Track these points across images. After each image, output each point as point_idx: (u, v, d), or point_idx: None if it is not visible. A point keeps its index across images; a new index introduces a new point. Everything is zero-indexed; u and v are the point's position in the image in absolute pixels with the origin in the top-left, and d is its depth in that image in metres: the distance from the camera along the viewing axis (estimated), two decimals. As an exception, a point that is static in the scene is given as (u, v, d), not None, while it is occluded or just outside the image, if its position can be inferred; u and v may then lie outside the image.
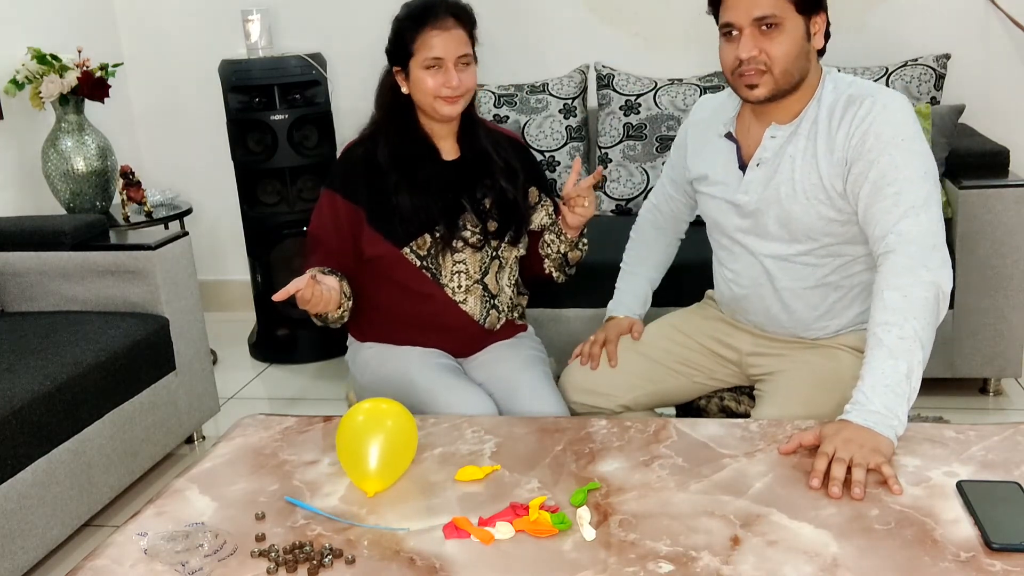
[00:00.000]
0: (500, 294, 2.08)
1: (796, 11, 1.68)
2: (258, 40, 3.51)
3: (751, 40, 1.69)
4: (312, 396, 3.32)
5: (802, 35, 1.70)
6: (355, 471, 1.46)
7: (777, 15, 1.67)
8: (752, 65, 1.70)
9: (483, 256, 2.04)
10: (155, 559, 1.31)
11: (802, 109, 1.77)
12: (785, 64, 1.69)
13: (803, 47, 1.71)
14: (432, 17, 1.94)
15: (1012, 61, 3.38)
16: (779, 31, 1.68)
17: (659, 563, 1.23)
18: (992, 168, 2.87)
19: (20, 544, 2.14)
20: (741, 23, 1.69)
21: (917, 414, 2.81)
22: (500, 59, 3.67)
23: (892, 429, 1.47)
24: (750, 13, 1.68)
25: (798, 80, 1.73)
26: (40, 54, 3.14)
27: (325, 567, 1.27)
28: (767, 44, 1.68)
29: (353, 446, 1.46)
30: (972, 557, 1.21)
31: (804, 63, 1.73)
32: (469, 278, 2.03)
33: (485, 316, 2.06)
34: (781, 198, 1.77)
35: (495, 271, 2.07)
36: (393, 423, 1.49)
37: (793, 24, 1.69)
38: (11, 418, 2.10)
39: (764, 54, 1.69)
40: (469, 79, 1.98)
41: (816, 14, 1.72)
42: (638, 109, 3.35)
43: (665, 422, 1.65)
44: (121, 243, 2.82)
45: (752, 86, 1.72)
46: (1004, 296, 2.79)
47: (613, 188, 3.35)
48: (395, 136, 2.01)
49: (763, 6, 1.67)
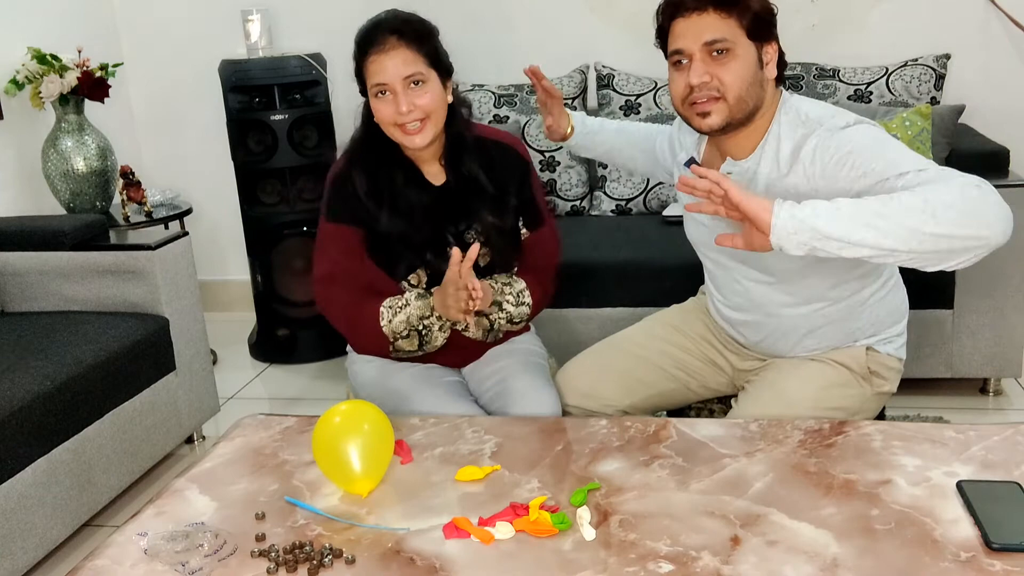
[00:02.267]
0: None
1: (747, 37, 1.64)
2: (258, 40, 3.51)
3: (702, 65, 1.63)
4: (312, 396, 3.32)
5: (754, 62, 1.65)
6: (344, 479, 1.46)
7: (728, 39, 1.62)
8: (704, 92, 1.64)
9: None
10: (155, 559, 1.31)
11: (758, 143, 1.70)
12: (738, 90, 1.63)
13: (756, 74, 1.65)
14: (371, 42, 1.82)
15: (1012, 61, 3.38)
16: (730, 56, 1.63)
17: (659, 563, 1.23)
18: (992, 168, 2.86)
19: (20, 544, 2.14)
20: (691, 49, 1.64)
21: (917, 414, 2.81)
22: (500, 59, 3.67)
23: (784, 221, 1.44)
24: (700, 38, 1.63)
25: (752, 109, 1.67)
26: (40, 54, 3.14)
27: (325, 567, 1.27)
28: (719, 70, 1.63)
29: (332, 457, 1.46)
30: (972, 557, 1.21)
31: (758, 91, 1.66)
32: None
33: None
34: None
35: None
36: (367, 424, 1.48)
37: (744, 50, 1.64)
38: (11, 418, 2.10)
39: (716, 79, 1.63)
40: (425, 100, 1.81)
41: (767, 43, 1.67)
42: (638, 109, 3.35)
43: (665, 422, 1.65)
44: (121, 243, 2.82)
45: (705, 114, 1.65)
46: (1004, 296, 2.79)
47: (613, 188, 3.35)
48: (373, 162, 1.90)
49: (713, 30, 1.62)
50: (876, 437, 1.55)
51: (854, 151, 1.57)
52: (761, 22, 1.65)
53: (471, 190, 1.93)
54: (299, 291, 3.59)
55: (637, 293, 2.85)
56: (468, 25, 3.68)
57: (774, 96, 1.71)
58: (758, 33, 1.65)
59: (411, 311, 1.89)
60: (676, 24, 1.66)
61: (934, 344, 2.84)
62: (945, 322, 2.82)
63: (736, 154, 1.73)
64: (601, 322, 2.92)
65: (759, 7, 1.65)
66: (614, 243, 3.07)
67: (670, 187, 3.30)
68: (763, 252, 1.51)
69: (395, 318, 1.90)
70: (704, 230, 1.84)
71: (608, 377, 1.97)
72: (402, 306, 1.90)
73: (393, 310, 1.90)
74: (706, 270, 1.96)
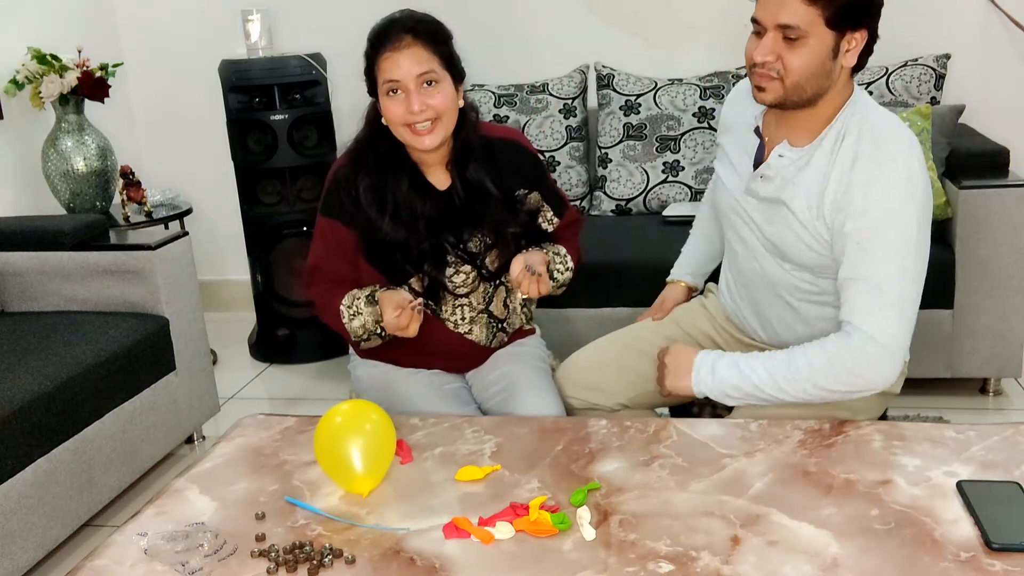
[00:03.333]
0: (509, 316, 2.02)
1: (826, 25, 1.58)
2: (258, 40, 3.51)
3: (771, 44, 1.61)
4: (312, 396, 3.32)
5: (827, 51, 1.60)
6: (345, 478, 1.46)
7: (801, 27, 1.57)
8: (764, 69, 1.63)
9: (486, 288, 1.95)
10: (155, 559, 1.31)
11: (819, 134, 1.69)
12: (798, 78, 1.61)
13: (825, 64, 1.61)
14: (386, 38, 1.79)
15: (1012, 61, 3.38)
16: (801, 43, 1.59)
17: (659, 563, 1.23)
18: (992, 168, 2.86)
19: (20, 544, 2.14)
20: (766, 24, 1.61)
21: (917, 414, 2.81)
22: (500, 59, 3.67)
23: (702, 380, 1.72)
24: (776, 17, 1.59)
25: (811, 96, 1.65)
26: (40, 54, 3.14)
27: (325, 567, 1.27)
28: (785, 52, 1.60)
29: (333, 456, 1.46)
30: (972, 557, 1.21)
31: (823, 81, 1.63)
32: (473, 310, 1.95)
33: (491, 339, 2.00)
34: (780, 219, 1.73)
35: (501, 298, 1.99)
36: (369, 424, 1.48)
37: (819, 39, 1.59)
38: (11, 418, 2.10)
39: (780, 61, 1.61)
40: (437, 100, 1.78)
41: (854, 30, 1.61)
42: (638, 109, 3.35)
43: (665, 422, 1.65)
44: (121, 243, 2.82)
45: (760, 88, 1.66)
46: (1004, 296, 2.79)
47: (613, 188, 3.35)
48: (377, 165, 1.87)
49: (789, 14, 1.57)
50: (876, 437, 1.55)
51: (865, 214, 1.60)
52: (851, 10, 1.59)
53: (477, 196, 1.91)
54: (299, 291, 3.58)
55: (637, 293, 2.84)
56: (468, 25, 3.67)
57: (845, 85, 1.68)
58: (843, 22, 1.59)
59: (365, 318, 1.88)
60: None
61: (934, 344, 2.83)
62: (945, 322, 2.82)
63: (794, 139, 1.72)
64: (601, 322, 2.92)
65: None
66: (614, 243, 3.06)
67: (670, 187, 3.30)
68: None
69: (352, 322, 1.89)
70: (729, 197, 1.86)
71: (609, 371, 1.97)
72: (355, 312, 1.89)
73: (350, 312, 1.90)
74: (726, 240, 1.97)
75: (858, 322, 1.62)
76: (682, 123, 3.31)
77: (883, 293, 1.61)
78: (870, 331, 1.61)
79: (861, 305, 1.62)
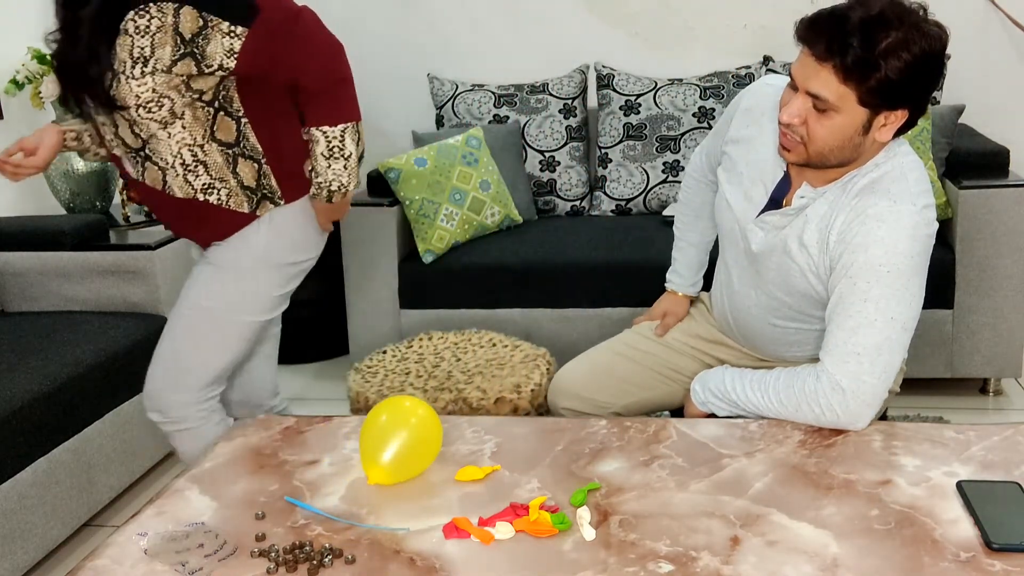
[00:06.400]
0: (158, 153, 1.87)
1: (858, 103, 1.49)
2: (258, 40, 3.51)
3: (799, 107, 1.52)
4: (312, 396, 3.32)
5: (856, 128, 1.51)
6: (368, 457, 1.47)
7: (831, 101, 1.49)
8: (790, 131, 1.55)
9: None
10: (155, 559, 1.31)
11: (839, 178, 1.61)
12: (821, 147, 1.54)
13: (852, 139, 1.53)
14: None
15: (1012, 61, 3.38)
16: (829, 116, 1.50)
17: (659, 563, 1.23)
18: (992, 168, 2.87)
19: (20, 544, 2.14)
20: (798, 84, 1.53)
21: (917, 414, 2.81)
22: (500, 59, 3.67)
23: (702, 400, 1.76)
24: (807, 83, 1.50)
25: (835, 163, 1.58)
26: (40, 54, 3.14)
27: (325, 567, 1.27)
28: (812, 119, 1.52)
29: (376, 433, 1.47)
30: (972, 557, 1.21)
31: (849, 153, 1.55)
32: (112, 134, 1.89)
33: (142, 172, 1.90)
34: (784, 251, 1.68)
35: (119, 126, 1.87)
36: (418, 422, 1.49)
37: (849, 115, 1.50)
38: (11, 418, 2.10)
39: (805, 127, 1.53)
40: None
41: (892, 109, 1.51)
42: (638, 109, 3.35)
43: (665, 422, 1.65)
44: (121, 243, 2.82)
45: (784, 148, 1.59)
46: (1004, 296, 2.79)
47: (613, 188, 3.35)
48: None
49: (820, 85, 1.48)
50: (876, 437, 1.55)
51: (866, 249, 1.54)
52: (889, 92, 1.48)
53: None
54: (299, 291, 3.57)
55: (637, 293, 2.85)
56: (468, 25, 3.68)
57: (874, 149, 1.58)
58: (879, 102, 1.49)
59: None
60: (802, 51, 1.52)
61: (934, 344, 2.84)
62: (945, 322, 2.82)
63: (815, 182, 1.63)
64: (601, 322, 2.92)
65: (895, 77, 1.46)
66: (614, 243, 3.07)
67: (670, 187, 3.30)
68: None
69: None
70: (733, 221, 1.78)
71: (600, 380, 1.96)
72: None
73: None
74: (720, 255, 1.91)
75: (829, 365, 1.56)
76: (682, 123, 3.31)
77: (864, 335, 1.54)
78: (839, 377, 1.54)
79: (836, 345, 1.56)
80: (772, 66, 3.35)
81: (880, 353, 1.54)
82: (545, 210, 3.45)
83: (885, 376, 1.56)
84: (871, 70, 1.45)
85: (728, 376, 1.71)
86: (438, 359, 2.39)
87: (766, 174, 1.70)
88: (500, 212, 3.18)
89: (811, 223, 1.63)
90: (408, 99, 3.74)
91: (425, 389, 2.20)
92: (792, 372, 1.63)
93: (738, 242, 1.78)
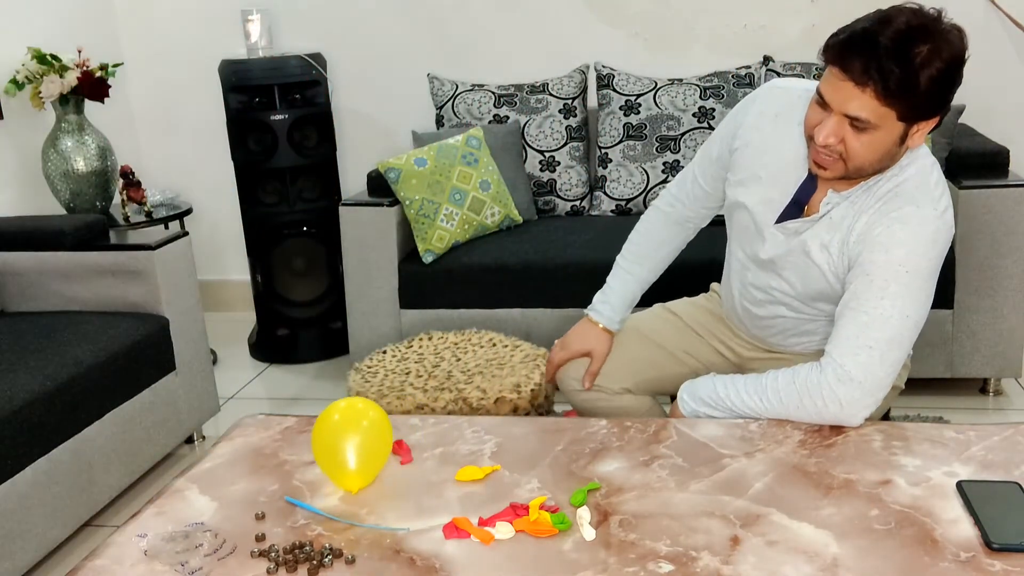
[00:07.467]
0: None
1: (897, 119, 1.49)
2: (258, 40, 3.51)
3: (835, 127, 1.51)
4: (312, 396, 3.32)
5: (895, 140, 1.52)
6: (338, 475, 1.46)
7: (872, 121, 1.49)
8: (827, 150, 1.54)
9: None
10: (155, 559, 1.31)
11: (864, 181, 1.62)
12: (862, 162, 1.54)
13: (890, 151, 1.54)
14: None
15: (1012, 61, 3.38)
16: (868, 133, 1.50)
17: (659, 563, 1.23)
18: (992, 168, 2.87)
19: (20, 544, 2.14)
20: (833, 107, 1.51)
21: (917, 414, 2.81)
22: (500, 59, 3.67)
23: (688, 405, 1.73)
24: (845, 106, 1.49)
25: (870, 173, 1.59)
26: (40, 54, 3.14)
27: (325, 567, 1.27)
28: (850, 137, 1.51)
29: (330, 451, 1.45)
30: (972, 557, 1.21)
31: (886, 163, 1.57)
32: None
33: None
34: (804, 253, 1.70)
35: None
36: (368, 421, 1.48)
37: (887, 131, 1.51)
38: (11, 418, 2.10)
39: (843, 145, 1.52)
40: None
41: (927, 119, 1.52)
42: (638, 109, 3.35)
43: (665, 422, 1.65)
44: (121, 243, 2.82)
45: (820, 166, 1.58)
46: (1004, 296, 2.79)
47: (613, 188, 3.35)
48: None
49: (861, 108, 1.48)
50: (876, 437, 1.55)
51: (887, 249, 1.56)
52: (926, 105, 1.49)
53: None
54: (299, 291, 3.59)
55: (637, 293, 2.85)
56: (468, 25, 3.69)
57: (903, 154, 1.60)
58: (917, 115, 1.51)
59: None
60: (834, 73, 1.50)
61: (934, 344, 2.84)
62: (945, 322, 2.82)
63: (839, 187, 1.64)
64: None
65: (930, 88, 1.46)
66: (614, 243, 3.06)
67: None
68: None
69: None
70: (749, 221, 1.77)
71: (615, 355, 1.96)
72: None
73: None
74: (730, 251, 1.91)
75: (838, 356, 1.58)
76: (682, 123, 3.31)
77: (878, 330, 1.56)
78: (848, 367, 1.56)
79: (848, 338, 1.58)
80: (772, 66, 3.35)
81: (892, 348, 1.58)
82: (545, 210, 3.45)
83: (893, 370, 1.59)
84: (912, 89, 1.45)
85: (719, 383, 1.71)
86: (438, 359, 2.39)
87: (788, 176, 1.70)
88: (500, 212, 3.18)
89: (835, 225, 1.65)
90: (408, 99, 3.74)
91: (425, 389, 2.20)
92: (789, 370, 1.64)
93: (753, 242, 1.79)
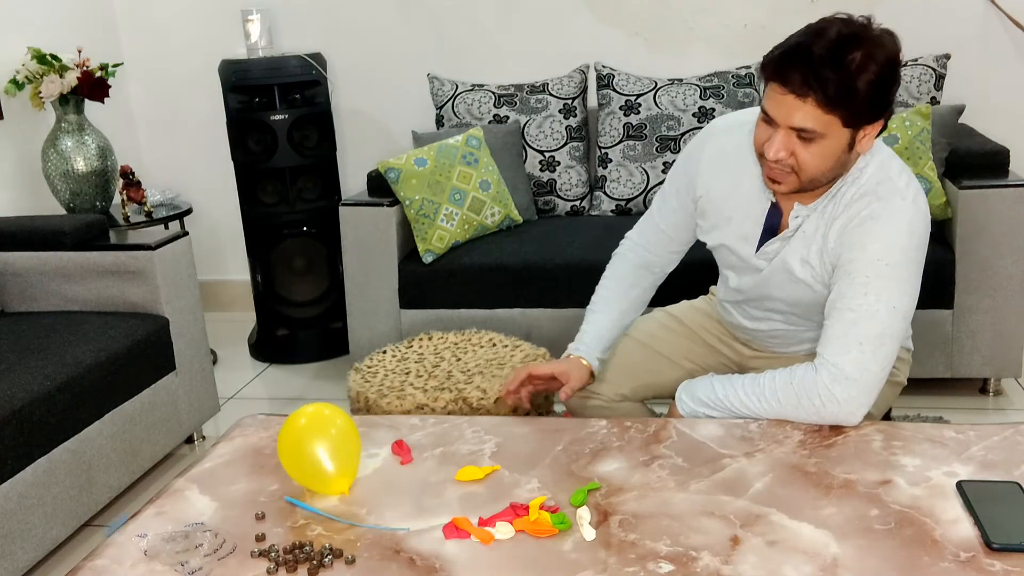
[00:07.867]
0: None
1: (843, 126, 1.52)
2: (258, 40, 3.51)
3: (784, 141, 1.54)
4: (312, 396, 3.32)
5: (843, 146, 1.55)
6: (321, 483, 1.45)
7: (818, 131, 1.51)
8: (778, 165, 1.57)
9: None
10: (155, 559, 1.31)
11: (827, 191, 1.65)
12: (814, 173, 1.56)
13: (840, 158, 1.56)
14: None
15: (1012, 61, 3.38)
16: (816, 143, 1.53)
17: (659, 563, 1.23)
18: (992, 168, 2.86)
19: (20, 544, 2.14)
20: (779, 122, 1.54)
21: (917, 414, 2.81)
22: (500, 59, 3.67)
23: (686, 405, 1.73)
24: (790, 119, 1.52)
25: (826, 182, 1.61)
26: (40, 54, 3.14)
27: (325, 567, 1.27)
28: (799, 149, 1.54)
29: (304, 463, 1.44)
30: (972, 557, 1.21)
31: (838, 169, 1.59)
32: None
33: None
34: (787, 270, 1.72)
35: None
36: (306, 419, 1.46)
37: (835, 138, 1.53)
38: (11, 418, 2.10)
39: (794, 157, 1.55)
40: None
41: (871, 123, 1.55)
42: (638, 109, 3.35)
43: (665, 422, 1.65)
44: (121, 243, 2.82)
45: (775, 181, 1.60)
46: (1004, 296, 2.79)
47: (613, 188, 3.35)
48: None
49: (805, 119, 1.50)
50: (876, 437, 1.55)
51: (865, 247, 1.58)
52: (867, 109, 1.52)
53: None
54: (299, 291, 3.59)
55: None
56: (468, 25, 3.69)
57: (855, 158, 1.62)
58: (861, 121, 1.53)
59: None
60: (775, 88, 1.53)
61: (934, 344, 2.84)
62: (945, 322, 2.82)
63: (804, 200, 1.67)
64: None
65: (869, 91, 1.49)
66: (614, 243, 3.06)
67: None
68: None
69: None
70: (731, 256, 1.81)
71: (613, 361, 1.97)
72: None
73: None
74: (721, 273, 1.93)
75: (830, 356, 1.58)
76: (682, 123, 3.31)
77: (865, 326, 1.57)
78: (842, 366, 1.56)
79: (837, 337, 1.59)
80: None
81: (883, 342, 1.58)
82: (545, 210, 3.45)
83: (886, 364, 1.59)
84: (852, 95, 1.48)
85: (718, 384, 1.71)
86: (438, 359, 2.39)
87: (754, 208, 1.74)
88: (500, 212, 3.18)
89: (809, 238, 1.67)
90: (408, 99, 3.74)
91: (425, 389, 2.20)
92: (786, 370, 1.64)
93: (740, 273, 1.82)
